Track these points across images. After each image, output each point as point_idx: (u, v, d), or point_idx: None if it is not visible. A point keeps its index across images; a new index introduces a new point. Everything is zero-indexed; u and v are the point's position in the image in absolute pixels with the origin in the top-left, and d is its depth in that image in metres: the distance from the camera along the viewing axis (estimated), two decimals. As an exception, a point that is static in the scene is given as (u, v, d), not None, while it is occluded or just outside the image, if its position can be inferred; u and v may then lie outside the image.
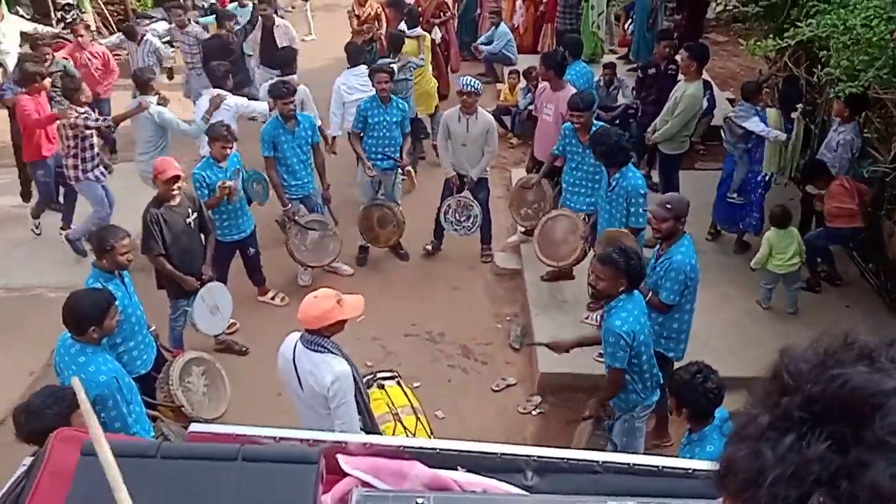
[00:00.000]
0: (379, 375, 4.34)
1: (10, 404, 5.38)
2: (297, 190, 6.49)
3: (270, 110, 6.58)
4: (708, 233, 7.01)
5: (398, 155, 6.74)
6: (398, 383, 4.31)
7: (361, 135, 6.71)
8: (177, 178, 5.19)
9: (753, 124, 6.31)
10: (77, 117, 6.52)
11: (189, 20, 9.36)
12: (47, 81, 7.11)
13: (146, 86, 6.98)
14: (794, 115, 6.65)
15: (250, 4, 9.75)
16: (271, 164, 6.32)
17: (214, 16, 9.69)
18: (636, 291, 4.08)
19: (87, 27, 9.22)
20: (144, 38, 8.85)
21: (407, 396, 4.25)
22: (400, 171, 6.96)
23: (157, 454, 1.40)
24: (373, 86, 6.65)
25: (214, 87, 6.92)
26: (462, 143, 6.57)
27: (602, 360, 5.38)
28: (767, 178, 6.54)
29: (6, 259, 7.24)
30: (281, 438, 1.58)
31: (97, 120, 6.77)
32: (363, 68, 7.51)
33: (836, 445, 0.73)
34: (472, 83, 6.42)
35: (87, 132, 6.65)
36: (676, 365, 4.59)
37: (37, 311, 6.41)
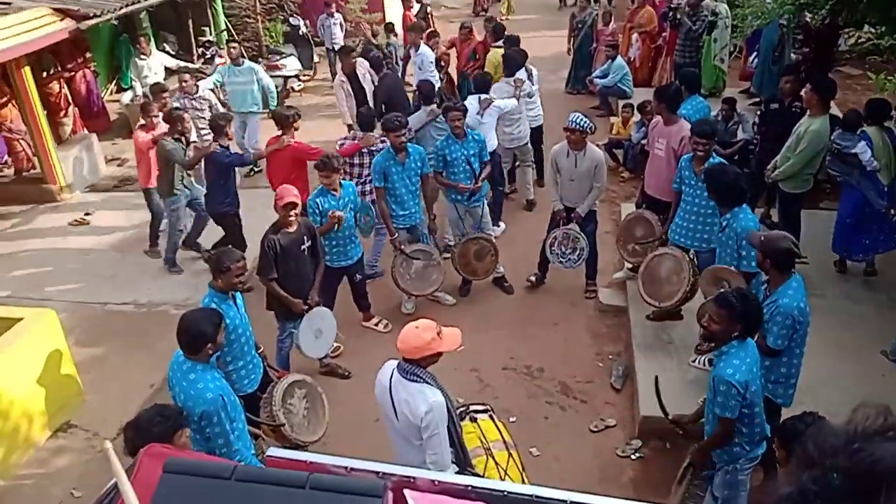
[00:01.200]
0: (472, 408, 4.31)
1: (132, 414, 5.78)
2: (405, 220, 6.64)
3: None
4: (834, 263, 6.86)
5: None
6: (491, 417, 4.28)
7: (443, 173, 6.81)
8: (293, 204, 5.43)
9: (861, 149, 6.22)
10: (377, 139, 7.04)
11: (198, 86, 9.02)
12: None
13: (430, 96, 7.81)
14: (887, 124, 6.58)
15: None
16: (381, 195, 6.51)
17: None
18: (749, 339, 3.87)
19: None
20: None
21: (499, 431, 4.21)
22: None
23: (232, 477, 1.47)
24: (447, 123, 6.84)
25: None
26: (570, 178, 6.52)
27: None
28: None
29: (137, 277, 7.78)
30: (352, 469, 1.61)
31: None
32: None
33: None
34: (579, 121, 6.35)
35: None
36: (784, 412, 4.35)
37: (161, 326, 6.81)
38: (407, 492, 1.52)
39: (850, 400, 4.43)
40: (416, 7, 13.82)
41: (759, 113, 7.94)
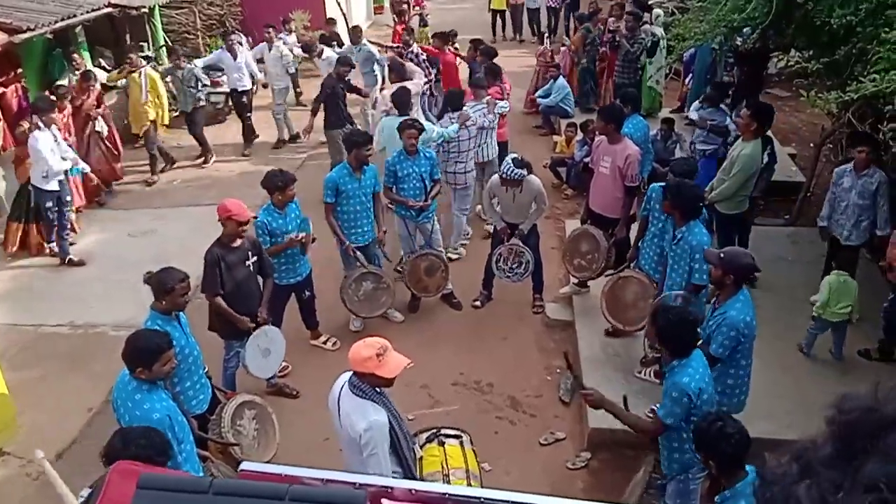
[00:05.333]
0: (443, 431, 4.23)
1: (69, 438, 5.59)
2: (357, 238, 6.58)
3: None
4: None
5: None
6: (461, 444, 4.19)
7: (393, 188, 6.82)
8: (247, 222, 5.36)
9: (729, 122, 7.91)
10: None
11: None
12: None
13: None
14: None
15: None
16: (330, 211, 6.45)
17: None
18: (693, 352, 3.99)
19: None
20: None
21: (465, 458, 4.11)
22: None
23: (210, 490, 1.43)
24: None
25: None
26: (508, 210, 6.69)
27: (653, 416, 5.27)
28: None
29: (73, 297, 7.51)
30: (328, 480, 1.60)
31: None
32: None
33: (844, 454, 0.87)
34: (510, 172, 6.31)
35: None
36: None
37: (99, 349, 6.62)
38: (385, 501, 1.51)
39: (795, 407, 4.60)
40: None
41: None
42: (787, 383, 5.68)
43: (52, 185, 7.85)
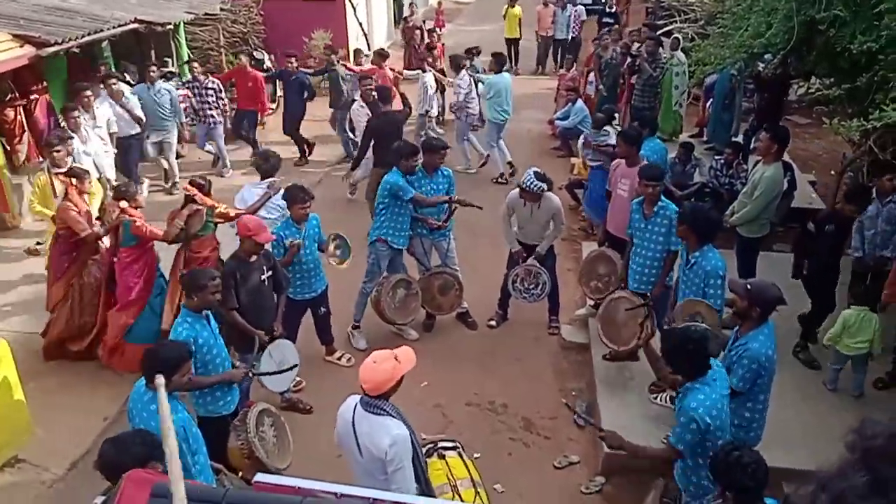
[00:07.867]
0: (440, 444, 4.30)
1: (84, 447, 5.61)
2: (404, 242, 6.77)
3: None
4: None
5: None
6: (459, 454, 4.27)
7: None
8: (265, 243, 5.44)
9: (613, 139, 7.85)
10: None
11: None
12: None
13: None
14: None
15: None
16: (422, 199, 6.64)
17: None
18: (720, 372, 3.94)
19: None
20: None
21: (467, 468, 4.20)
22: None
23: (224, 500, 1.43)
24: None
25: None
26: (525, 228, 6.71)
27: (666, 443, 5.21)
28: None
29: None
30: (342, 495, 1.59)
31: None
32: None
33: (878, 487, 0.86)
34: (532, 184, 6.36)
35: None
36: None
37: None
38: (399, 517, 1.51)
39: (813, 438, 4.52)
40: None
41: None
42: (806, 413, 5.61)
43: None
